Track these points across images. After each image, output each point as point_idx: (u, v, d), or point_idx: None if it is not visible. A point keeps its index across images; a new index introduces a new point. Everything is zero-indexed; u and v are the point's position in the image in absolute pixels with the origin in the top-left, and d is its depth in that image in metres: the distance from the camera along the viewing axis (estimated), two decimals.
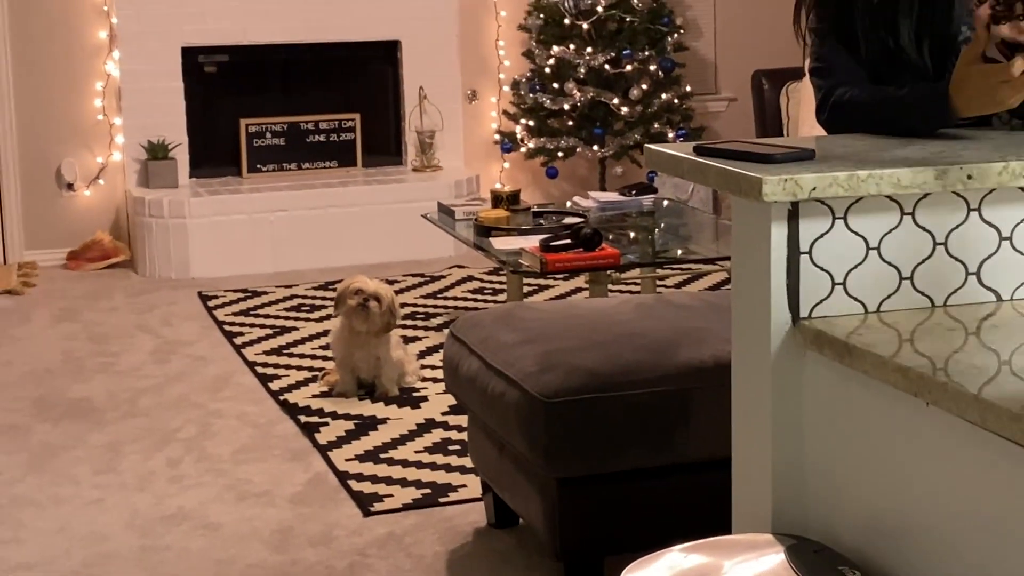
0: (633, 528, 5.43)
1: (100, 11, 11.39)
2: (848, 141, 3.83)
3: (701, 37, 12.88)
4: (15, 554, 6.07)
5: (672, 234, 8.25)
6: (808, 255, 3.40)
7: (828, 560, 3.16)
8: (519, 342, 5.74)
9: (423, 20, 12.04)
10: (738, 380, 3.63)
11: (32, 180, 11.44)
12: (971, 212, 3.50)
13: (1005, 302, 3.53)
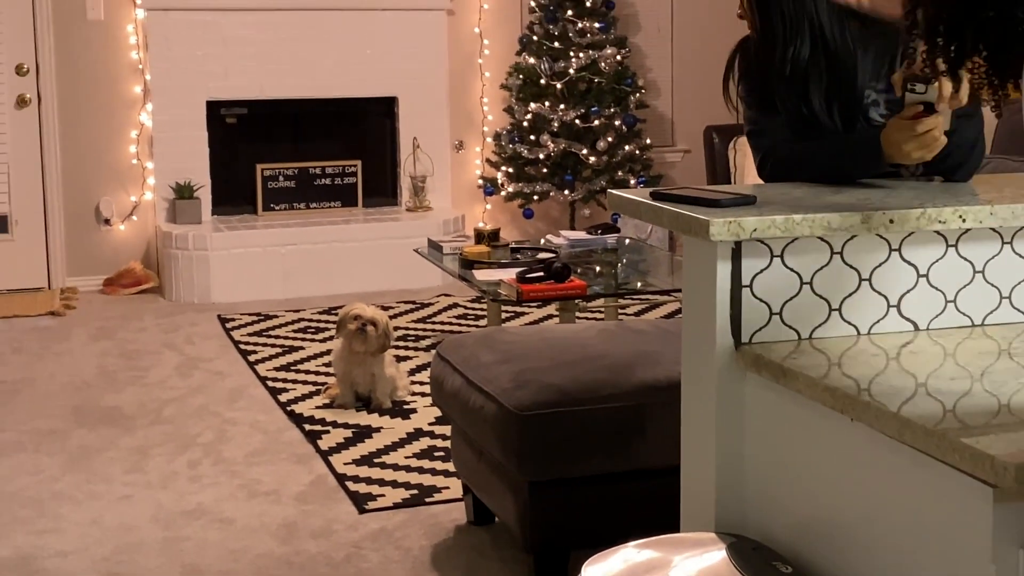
0: (594, 526, 5.42)
1: (136, 69, 11.38)
2: (785, 189, 3.84)
3: (660, 96, 12.87)
4: (55, 542, 6.07)
5: (632, 268, 8.24)
6: (749, 288, 3.41)
7: (764, 556, 3.16)
8: (497, 362, 5.74)
9: (417, 79, 12.03)
10: (687, 397, 3.62)
11: (74, 216, 11.41)
12: (892, 252, 3.51)
13: (922, 331, 3.54)
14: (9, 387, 8.60)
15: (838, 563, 3.10)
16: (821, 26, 4.12)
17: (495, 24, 12.36)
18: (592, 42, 11.77)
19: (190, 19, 11.37)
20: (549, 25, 11.78)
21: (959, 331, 3.55)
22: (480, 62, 12.37)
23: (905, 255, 3.53)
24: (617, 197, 3.81)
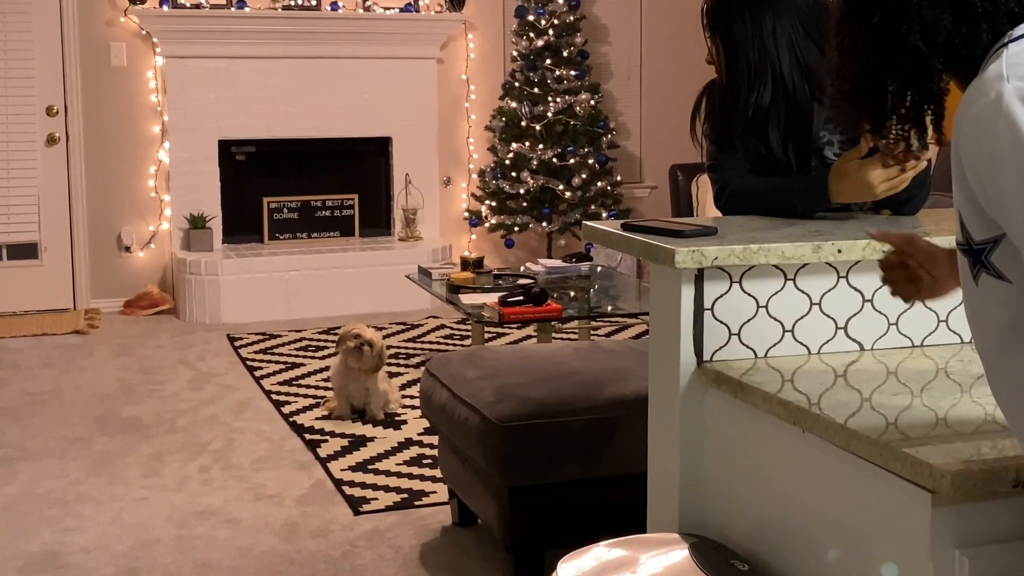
0: (568, 527, 5.41)
1: (154, 110, 11.36)
2: (744, 221, 3.84)
3: (630, 137, 12.87)
4: (79, 540, 6.06)
5: (604, 293, 8.23)
6: (710, 311, 3.41)
7: (723, 555, 3.15)
8: (480, 377, 5.74)
9: (410, 121, 12.03)
10: (653, 410, 3.62)
11: (98, 243, 11.39)
12: (840, 279, 3.51)
13: (867, 351, 3.54)
14: (38, 398, 8.58)
15: (791, 562, 3.09)
16: (782, 75, 4.13)
17: (480, 72, 12.37)
18: (568, 88, 11.78)
19: (204, 66, 11.38)
20: (529, 73, 11.78)
21: (900, 351, 3.55)
22: (467, 106, 12.36)
23: (852, 282, 3.53)
24: (590, 228, 3.81)
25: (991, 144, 2.13)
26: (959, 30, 2.31)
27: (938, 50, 2.34)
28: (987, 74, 2.20)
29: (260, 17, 11.41)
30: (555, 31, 11.78)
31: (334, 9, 11.62)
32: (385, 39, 11.87)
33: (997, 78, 2.16)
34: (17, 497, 6.67)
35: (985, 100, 2.16)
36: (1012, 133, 2.10)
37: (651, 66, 12.89)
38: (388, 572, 5.74)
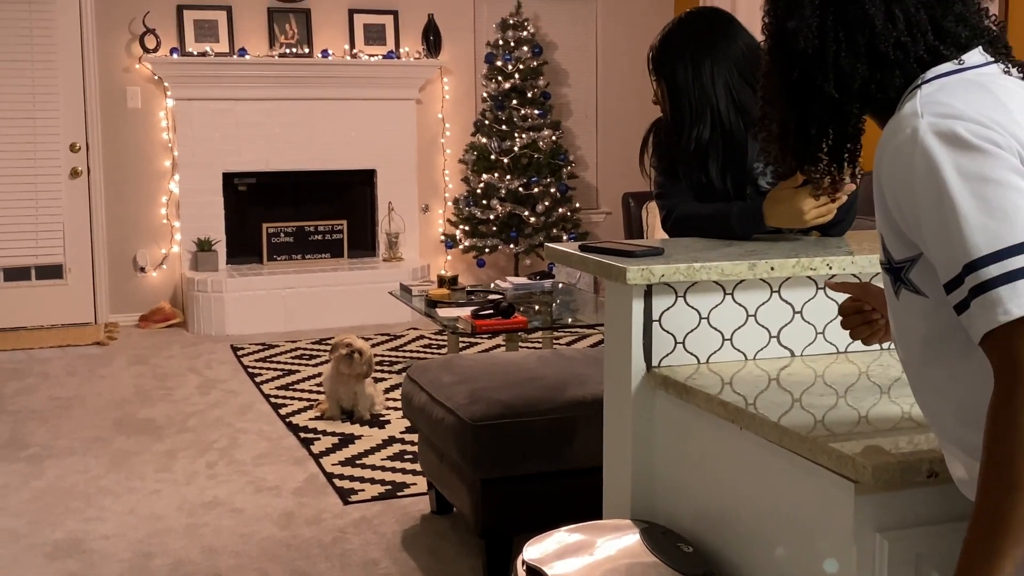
0: (533, 514, 5.39)
1: (166, 147, 11.33)
2: (687, 243, 3.83)
3: (587, 169, 12.86)
4: (99, 528, 6.05)
5: (565, 307, 8.22)
6: (658, 322, 3.40)
7: (670, 539, 3.14)
8: (455, 382, 5.73)
9: (392, 155, 12.01)
10: (608, 410, 3.60)
11: (116, 264, 11.35)
12: (773, 293, 3.51)
13: (797, 357, 3.53)
14: (63, 403, 8.54)
15: (730, 544, 3.08)
16: (720, 113, 4.14)
17: (454, 111, 12.35)
18: (532, 125, 11.77)
19: (210, 107, 11.35)
20: (498, 112, 11.77)
21: (827, 357, 3.55)
22: (442, 141, 12.34)
23: (783, 296, 3.52)
24: (552, 250, 3.80)
25: (910, 174, 2.15)
26: (874, 76, 2.32)
27: (854, 95, 2.35)
28: (904, 111, 2.22)
29: (259, 64, 11.39)
30: (520, 75, 11.79)
31: (325, 56, 11.63)
32: (370, 83, 11.85)
33: (913, 115, 2.18)
34: (45, 490, 6.66)
35: (903, 135, 2.17)
36: (928, 163, 2.11)
37: (605, 106, 12.90)
38: (374, 555, 5.72)
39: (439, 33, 12.05)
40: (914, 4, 2.29)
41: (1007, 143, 2.11)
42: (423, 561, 5.67)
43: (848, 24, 2.31)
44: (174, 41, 11.28)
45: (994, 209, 2.06)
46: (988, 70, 2.29)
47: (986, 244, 2.04)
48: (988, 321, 2.04)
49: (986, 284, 2.04)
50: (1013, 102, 2.20)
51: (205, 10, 11.36)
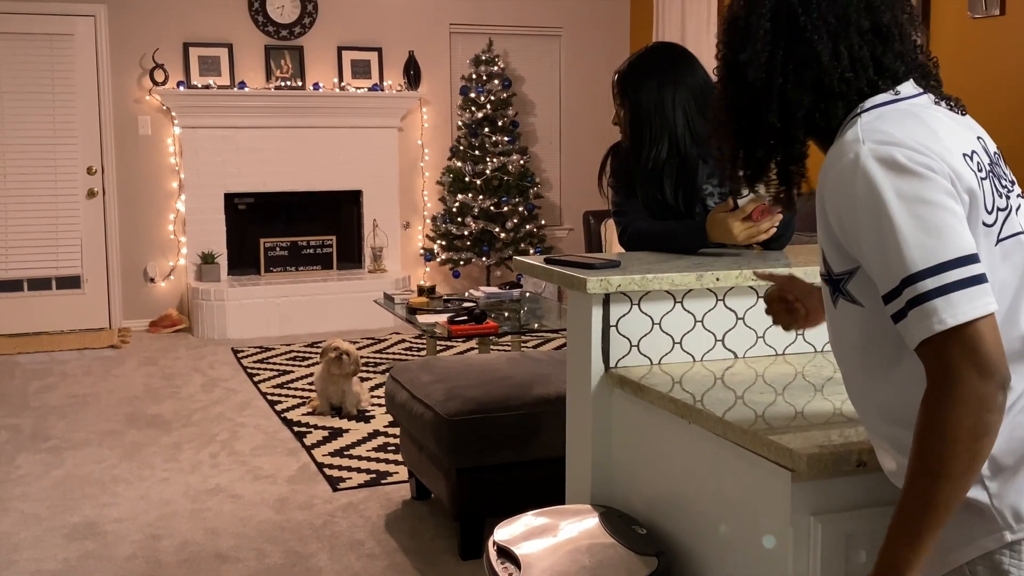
0: (503, 500, 5.38)
1: (173, 170, 11.29)
2: (641, 256, 3.83)
3: (552, 190, 12.86)
4: (113, 512, 6.04)
5: (531, 314, 8.22)
6: (615, 327, 3.39)
7: (626, 521, 3.14)
8: (433, 381, 5.73)
9: (377, 178, 11.99)
10: (570, 406, 3.60)
11: (128, 276, 11.31)
12: (719, 301, 3.51)
13: (740, 359, 3.53)
14: (81, 400, 8.51)
15: (680, 526, 3.08)
16: (677, 137, 4.15)
17: (432, 138, 12.34)
18: (503, 151, 11.76)
19: (213, 134, 11.32)
20: (472, 138, 11.77)
21: (767, 358, 3.55)
22: (422, 165, 12.32)
23: (728, 303, 3.52)
24: (520, 262, 3.80)
25: (851, 195, 2.16)
26: (818, 107, 2.32)
27: (798, 123, 2.35)
28: (846, 138, 2.22)
29: (257, 95, 11.36)
30: (492, 106, 11.79)
31: (316, 89, 11.60)
32: (356, 112, 11.84)
33: (855, 141, 2.19)
34: (64, 478, 6.64)
35: (846, 159, 2.18)
36: (869, 186, 2.13)
37: (568, 133, 12.90)
38: (360, 537, 5.70)
39: (419, 68, 12.04)
40: (858, 42, 2.29)
41: (940, 168, 2.13)
42: (404, 542, 5.65)
43: (797, 59, 2.31)
44: (181, 75, 11.26)
45: (930, 228, 2.08)
46: (920, 100, 2.30)
47: (923, 260, 2.06)
48: (924, 329, 2.06)
49: (923, 296, 2.06)
50: (943, 130, 2.21)
51: (208, 47, 11.34)
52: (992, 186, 2.23)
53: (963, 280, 2.05)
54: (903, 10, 2.35)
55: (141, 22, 11.13)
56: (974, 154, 2.23)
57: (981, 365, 2.03)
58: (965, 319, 2.03)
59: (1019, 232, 2.26)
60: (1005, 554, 2.19)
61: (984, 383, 2.03)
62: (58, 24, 10.89)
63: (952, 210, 2.10)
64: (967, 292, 2.04)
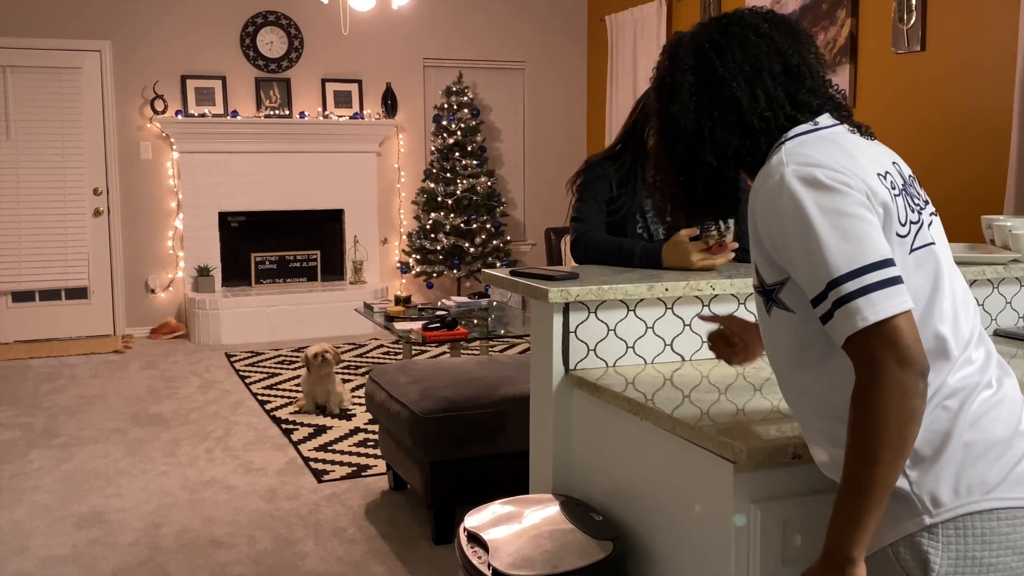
0: (473, 490, 5.38)
1: (172, 191, 11.25)
2: (597, 269, 3.84)
3: (516, 208, 12.88)
4: (117, 502, 6.02)
5: (498, 321, 8.22)
6: (574, 333, 3.39)
7: (584, 509, 3.13)
8: (409, 382, 5.72)
9: (357, 198, 11.97)
10: (534, 405, 3.60)
11: (131, 287, 11.27)
12: (668, 310, 3.51)
13: (687, 362, 3.54)
14: (88, 400, 8.47)
15: (633, 513, 3.08)
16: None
17: (408, 162, 12.33)
18: (472, 173, 11.76)
19: (208, 159, 11.28)
20: (444, 162, 11.77)
21: (711, 361, 3.56)
22: (398, 186, 12.31)
23: (676, 312, 3.53)
24: (488, 274, 3.80)
25: (779, 211, 2.20)
26: (744, 144, 2.39)
27: (729, 161, 2.42)
28: (772, 162, 2.28)
29: (248, 123, 11.33)
30: (462, 132, 11.79)
31: (302, 117, 11.58)
32: (339, 139, 11.82)
33: (780, 164, 2.24)
34: (73, 472, 6.60)
35: (773, 180, 2.23)
36: (793, 202, 2.18)
37: (531, 157, 12.91)
38: (342, 524, 5.69)
39: (395, 98, 12.04)
40: (772, 84, 2.37)
41: (856, 184, 2.19)
42: (383, 528, 5.64)
43: (720, 105, 2.38)
44: (179, 105, 11.23)
45: (849, 236, 2.13)
46: (837, 129, 2.37)
47: (845, 264, 2.11)
48: (849, 327, 2.10)
49: (846, 297, 2.10)
50: (859, 153, 2.28)
51: (204, 79, 11.32)
52: (905, 202, 2.28)
53: (881, 281, 2.10)
54: (810, 51, 2.42)
55: (143, 56, 11.11)
56: (887, 174, 2.29)
57: (901, 356, 2.07)
58: (885, 315, 2.08)
59: (931, 243, 2.31)
60: (924, 536, 2.22)
61: (905, 372, 2.07)
62: (67, 59, 10.86)
63: (868, 220, 2.16)
64: (885, 292, 2.09)
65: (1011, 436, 2.27)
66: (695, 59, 2.42)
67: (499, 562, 2.89)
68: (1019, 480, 2.25)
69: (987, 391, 2.29)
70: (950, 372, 2.27)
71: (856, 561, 2.13)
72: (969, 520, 2.21)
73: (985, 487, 2.23)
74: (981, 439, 2.25)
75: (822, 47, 8.84)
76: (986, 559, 2.22)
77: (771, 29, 2.40)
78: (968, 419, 2.25)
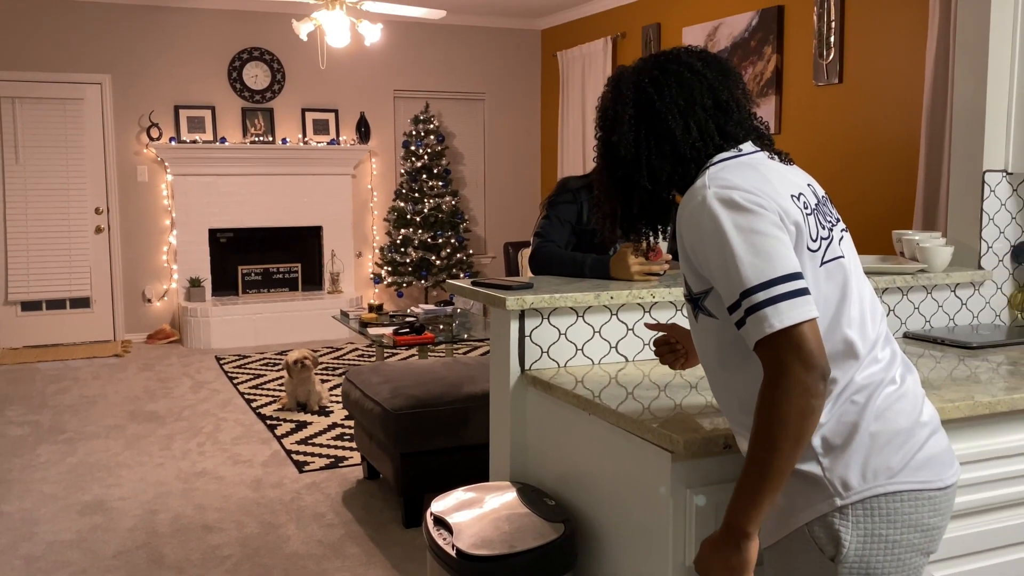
0: (438, 478, 5.38)
1: (166, 210, 11.19)
2: (550, 279, 3.83)
3: (478, 225, 12.88)
4: (117, 492, 5.98)
5: (462, 327, 8.21)
6: (529, 337, 3.40)
7: (538, 495, 3.14)
8: (381, 382, 5.71)
9: (334, 215, 11.94)
10: (494, 402, 3.60)
11: (130, 297, 11.20)
12: (613, 316, 3.52)
13: (630, 362, 3.54)
14: (90, 400, 8.41)
15: (582, 499, 3.08)
16: None
17: (380, 183, 12.31)
18: (437, 193, 11.76)
19: (199, 180, 11.23)
20: (412, 183, 11.76)
21: (651, 362, 3.56)
22: (371, 205, 12.28)
23: (620, 317, 3.54)
24: (452, 284, 3.80)
25: (700, 228, 2.23)
26: (677, 171, 2.42)
27: (663, 184, 2.45)
28: (696, 185, 2.30)
29: (236, 148, 11.29)
30: (428, 156, 11.79)
31: (284, 143, 11.55)
32: (317, 163, 11.78)
33: (702, 187, 2.27)
34: (77, 464, 6.56)
35: (696, 201, 2.26)
36: (713, 221, 2.21)
37: (491, 179, 12.92)
38: (321, 510, 5.68)
39: (368, 126, 12.02)
40: (703, 117, 2.39)
41: (770, 205, 2.22)
42: (358, 514, 5.63)
43: (656, 135, 2.41)
44: (172, 132, 11.18)
45: (760, 252, 2.16)
46: (757, 155, 2.40)
47: (755, 277, 2.14)
48: (759, 332, 2.13)
49: (757, 305, 2.13)
50: (774, 177, 2.30)
51: (195, 109, 11.27)
52: (817, 220, 2.31)
53: (789, 292, 2.13)
54: (738, 87, 2.46)
55: (139, 88, 11.06)
56: (801, 195, 2.31)
57: (805, 359, 2.10)
58: (791, 323, 2.11)
59: (840, 256, 2.34)
60: (836, 516, 2.25)
61: (807, 374, 2.10)
62: (70, 91, 10.80)
63: (779, 238, 2.18)
64: (792, 302, 2.12)
65: (912, 426, 2.32)
66: (635, 93, 2.44)
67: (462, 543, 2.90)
68: (919, 465, 2.29)
69: (891, 386, 2.33)
70: (857, 370, 2.30)
71: (751, 536, 2.17)
72: (875, 502, 2.25)
73: (889, 472, 2.27)
74: (886, 429, 2.28)
75: (751, 80, 8.90)
76: (891, 536, 2.26)
77: (704, 67, 2.42)
78: (874, 412, 2.29)
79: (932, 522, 2.30)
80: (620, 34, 11.00)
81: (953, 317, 4.24)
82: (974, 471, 2.99)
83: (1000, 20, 4.17)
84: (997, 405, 2.96)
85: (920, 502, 2.28)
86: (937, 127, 7.01)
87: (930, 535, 2.31)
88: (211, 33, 11.36)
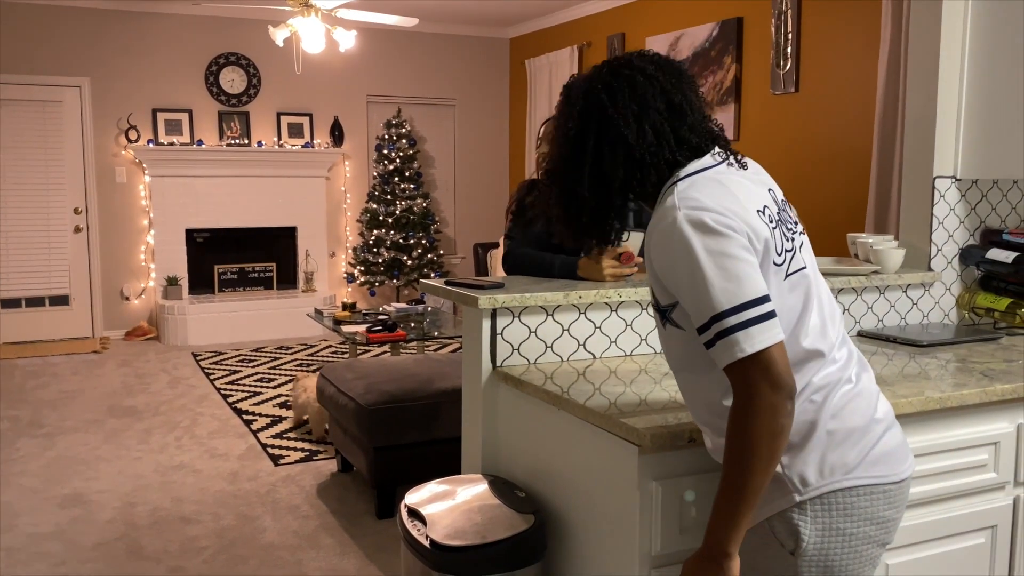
0: (412, 471, 5.38)
1: (144, 211, 11.14)
2: (520, 279, 3.83)
3: (448, 226, 12.87)
4: (95, 485, 5.96)
5: (433, 324, 8.21)
6: (500, 335, 3.40)
7: (509, 487, 3.15)
8: (355, 378, 5.71)
9: (309, 216, 11.92)
10: (465, 397, 3.60)
11: (108, 295, 11.14)
12: (581, 315, 3.52)
13: (598, 359, 3.55)
14: (69, 395, 8.36)
15: (552, 491, 3.09)
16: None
17: (353, 185, 12.29)
18: (409, 195, 11.76)
19: (177, 182, 11.18)
20: (385, 186, 11.76)
21: (618, 358, 3.57)
22: (344, 206, 12.27)
23: (588, 316, 3.55)
24: (424, 284, 3.79)
25: (671, 250, 2.19)
26: (633, 176, 2.34)
27: (615, 191, 2.37)
28: (666, 204, 2.25)
29: (212, 151, 11.25)
30: (401, 160, 11.79)
31: (259, 146, 11.53)
32: (292, 165, 11.76)
33: (672, 207, 2.21)
34: (56, 458, 6.52)
35: (666, 222, 2.21)
36: (683, 243, 2.16)
37: (461, 182, 12.92)
38: (296, 502, 5.67)
39: (342, 130, 12.01)
40: (658, 119, 2.32)
41: (739, 227, 2.18)
42: (332, 506, 5.63)
43: (609, 141, 2.33)
44: (150, 134, 11.13)
45: (731, 276, 2.13)
46: (721, 168, 2.33)
47: (727, 301, 2.12)
48: (730, 356, 2.12)
49: (728, 330, 2.12)
50: (741, 193, 2.26)
51: (173, 112, 11.22)
52: (781, 232, 2.29)
53: (758, 316, 2.11)
54: (692, 90, 2.39)
55: (118, 92, 11.00)
56: (766, 208, 2.28)
57: (773, 381, 2.10)
58: (761, 347, 2.10)
59: (802, 267, 2.33)
60: (795, 512, 2.27)
61: (776, 395, 2.10)
62: (50, 93, 10.74)
63: (749, 261, 2.16)
64: (761, 326, 2.11)
65: (868, 424, 2.33)
66: (586, 100, 2.38)
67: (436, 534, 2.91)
68: (875, 461, 2.31)
69: (847, 385, 2.34)
70: (816, 372, 2.31)
71: (732, 555, 2.15)
72: (833, 497, 2.27)
73: (846, 468, 2.28)
74: (842, 427, 2.30)
75: (711, 89, 8.94)
76: (848, 529, 2.28)
77: (656, 71, 2.36)
78: (831, 410, 2.30)
79: (888, 515, 2.32)
80: (586, 43, 11.03)
81: (904, 316, 4.28)
82: (925, 463, 3.02)
83: (950, 32, 4.21)
84: (947, 400, 3.00)
85: (876, 496, 2.30)
86: (888, 135, 7.07)
87: (886, 527, 2.33)
88: (189, 38, 11.31)
